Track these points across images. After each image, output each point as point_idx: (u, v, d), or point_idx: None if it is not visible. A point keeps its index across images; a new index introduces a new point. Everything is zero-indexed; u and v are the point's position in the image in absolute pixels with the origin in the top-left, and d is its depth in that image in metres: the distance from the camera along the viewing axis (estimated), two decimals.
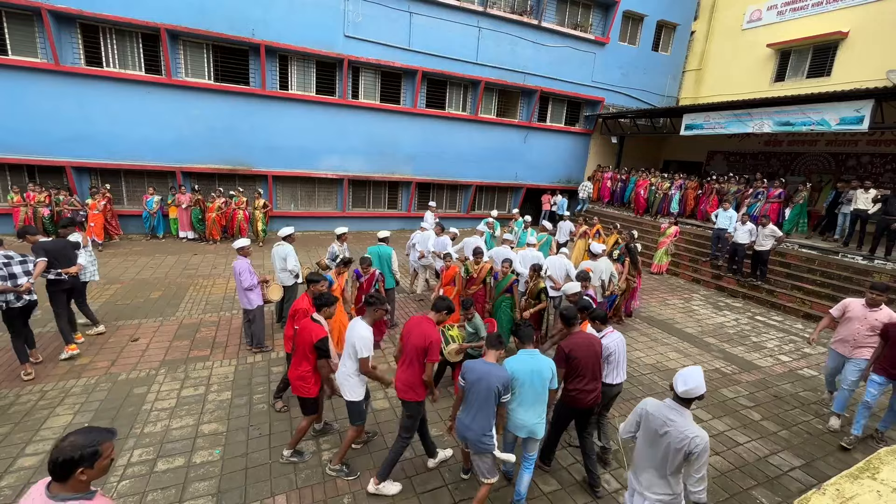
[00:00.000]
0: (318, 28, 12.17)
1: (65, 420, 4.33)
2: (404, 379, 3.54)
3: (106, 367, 5.37)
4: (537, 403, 3.33)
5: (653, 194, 14.30)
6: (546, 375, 3.30)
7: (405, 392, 3.54)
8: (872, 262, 8.89)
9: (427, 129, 14.53)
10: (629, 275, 7.57)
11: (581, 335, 3.75)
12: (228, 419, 4.51)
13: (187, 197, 11.57)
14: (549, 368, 3.32)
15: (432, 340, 3.42)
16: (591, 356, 3.63)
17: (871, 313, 4.68)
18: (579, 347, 3.61)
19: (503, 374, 3.14)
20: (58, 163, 10.75)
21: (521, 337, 3.45)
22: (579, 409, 3.71)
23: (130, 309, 7.15)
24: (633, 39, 17.20)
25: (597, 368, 3.68)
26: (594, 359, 3.65)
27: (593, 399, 3.67)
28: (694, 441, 2.42)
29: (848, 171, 12.90)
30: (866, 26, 12.93)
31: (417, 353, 3.45)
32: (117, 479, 3.64)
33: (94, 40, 10.77)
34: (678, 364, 6.42)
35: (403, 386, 3.54)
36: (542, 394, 3.32)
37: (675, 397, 2.62)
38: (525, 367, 3.29)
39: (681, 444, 2.46)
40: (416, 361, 3.47)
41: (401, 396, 3.58)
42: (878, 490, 2.20)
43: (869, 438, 4.79)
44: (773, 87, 15.20)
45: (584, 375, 3.62)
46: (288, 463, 3.93)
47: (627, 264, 7.54)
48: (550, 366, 3.34)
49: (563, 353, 3.63)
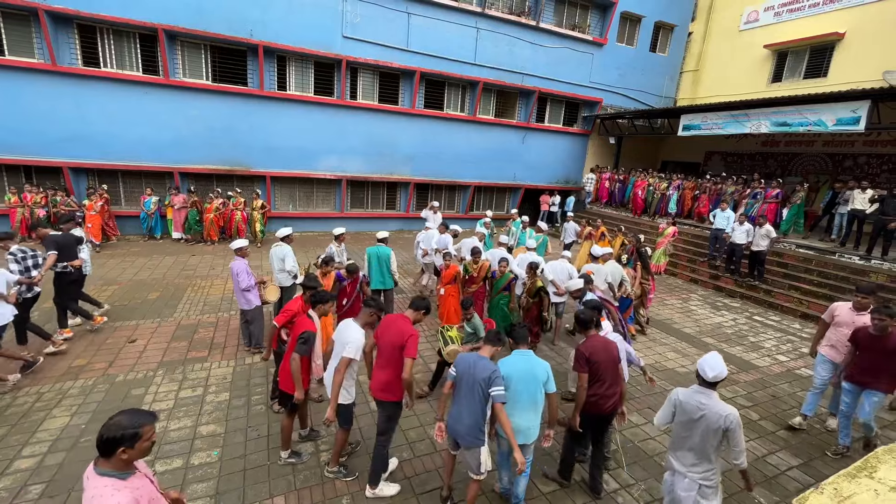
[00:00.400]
0: (316, 29, 12.17)
1: (62, 422, 4.31)
2: (381, 379, 3.46)
3: (103, 368, 5.35)
4: (531, 407, 3.23)
5: (651, 195, 14.34)
6: (540, 377, 3.20)
7: (382, 392, 3.46)
8: (869, 262, 8.93)
9: (425, 129, 14.54)
10: (643, 279, 7.39)
11: (598, 338, 3.63)
12: (226, 420, 4.49)
13: (181, 198, 11.49)
14: (544, 370, 3.23)
15: (410, 335, 3.32)
16: (609, 360, 3.53)
17: (858, 317, 4.51)
18: (598, 351, 3.50)
19: (489, 367, 3.05)
20: (55, 163, 10.72)
21: (516, 337, 3.38)
22: (598, 416, 3.57)
23: (128, 310, 7.13)
24: (630, 40, 17.25)
25: (616, 372, 3.58)
26: (613, 362, 3.57)
27: (613, 404, 3.55)
28: (728, 418, 2.71)
29: (845, 171, 12.96)
30: (862, 27, 13.00)
31: (394, 351, 3.35)
32: None
33: (92, 41, 10.74)
34: (676, 364, 6.44)
35: (379, 386, 3.47)
36: (536, 396, 3.22)
37: (702, 382, 2.86)
38: (518, 368, 3.22)
39: (717, 423, 2.73)
40: (394, 361, 3.38)
41: (377, 397, 3.51)
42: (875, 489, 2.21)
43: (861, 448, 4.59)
44: (771, 87, 15.27)
45: (603, 380, 3.49)
46: (286, 464, 3.92)
47: (640, 269, 7.35)
48: (545, 367, 3.25)
49: (584, 356, 3.47)
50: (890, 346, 4.02)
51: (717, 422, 2.72)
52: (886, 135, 11.88)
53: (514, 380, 3.18)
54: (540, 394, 3.23)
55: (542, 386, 3.21)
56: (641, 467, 4.22)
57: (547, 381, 3.22)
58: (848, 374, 4.37)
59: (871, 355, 4.15)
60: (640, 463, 4.29)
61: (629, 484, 3.99)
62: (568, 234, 10.83)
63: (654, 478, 4.08)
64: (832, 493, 2.17)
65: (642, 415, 5.10)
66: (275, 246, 6.33)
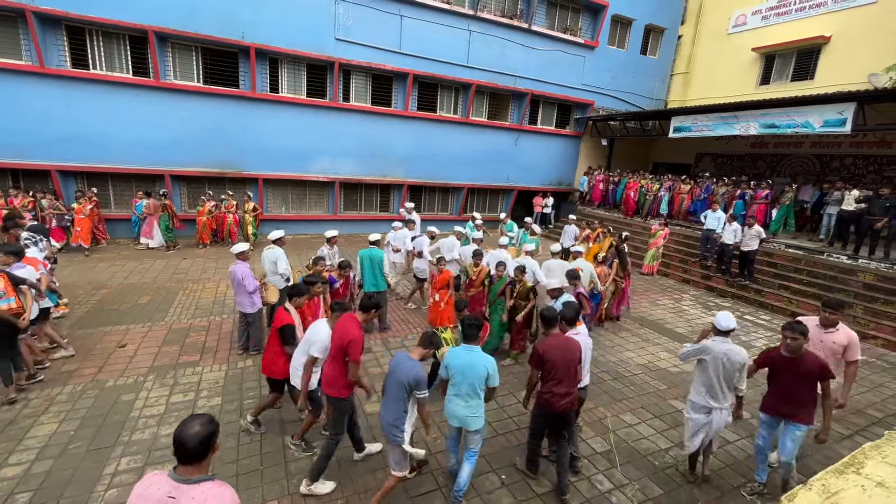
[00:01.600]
0: (308, 31, 12.15)
1: (49, 429, 4.24)
2: (326, 373, 3.60)
3: (93, 373, 5.28)
4: (471, 396, 3.40)
5: (643, 196, 14.46)
6: (480, 373, 3.36)
7: (326, 387, 3.59)
8: (857, 262, 9.08)
9: (419, 131, 14.55)
10: (616, 276, 7.57)
11: (558, 337, 3.72)
12: None
13: (152, 203, 10.90)
14: (485, 366, 3.37)
15: (351, 339, 3.37)
16: (565, 359, 3.57)
17: (826, 335, 3.98)
18: (553, 349, 3.58)
19: (414, 370, 3.16)
20: (43, 166, 10.57)
21: (466, 335, 3.49)
22: (551, 414, 3.64)
23: (118, 314, 7.04)
24: (621, 43, 17.42)
25: (571, 372, 3.61)
26: (568, 362, 3.59)
27: (566, 404, 3.59)
28: (743, 357, 3.65)
29: (832, 172, 13.18)
30: (848, 31, 13.24)
31: (337, 351, 3.46)
32: (104, 487, 3.58)
33: (81, 42, 10.62)
34: (669, 364, 6.49)
35: (325, 380, 3.61)
36: (475, 387, 3.38)
37: (719, 333, 3.71)
38: (460, 360, 3.41)
39: (739, 363, 3.62)
40: (338, 358, 3.48)
41: (324, 390, 3.66)
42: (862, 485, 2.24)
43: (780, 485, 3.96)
44: (759, 90, 15.48)
45: (556, 378, 3.57)
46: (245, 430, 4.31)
47: (615, 266, 7.55)
48: (487, 364, 3.38)
49: (538, 353, 3.61)
50: (805, 369, 3.45)
51: (739, 362, 3.61)
52: (872, 136, 12.10)
53: (455, 370, 3.40)
54: (479, 386, 3.40)
55: (482, 379, 3.38)
56: (635, 467, 4.25)
57: (489, 377, 3.39)
58: (763, 404, 3.83)
59: (787, 380, 3.59)
60: (634, 462, 4.31)
61: (623, 484, 4.01)
62: (567, 237, 10.81)
63: (647, 477, 4.11)
64: (820, 490, 2.21)
65: (636, 415, 5.13)
66: (267, 249, 6.30)
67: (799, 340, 3.43)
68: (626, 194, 14.95)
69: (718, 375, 3.66)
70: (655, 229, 11.33)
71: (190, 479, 1.77)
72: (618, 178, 15.89)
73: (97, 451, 4.00)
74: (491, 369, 3.38)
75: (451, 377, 3.43)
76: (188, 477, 1.77)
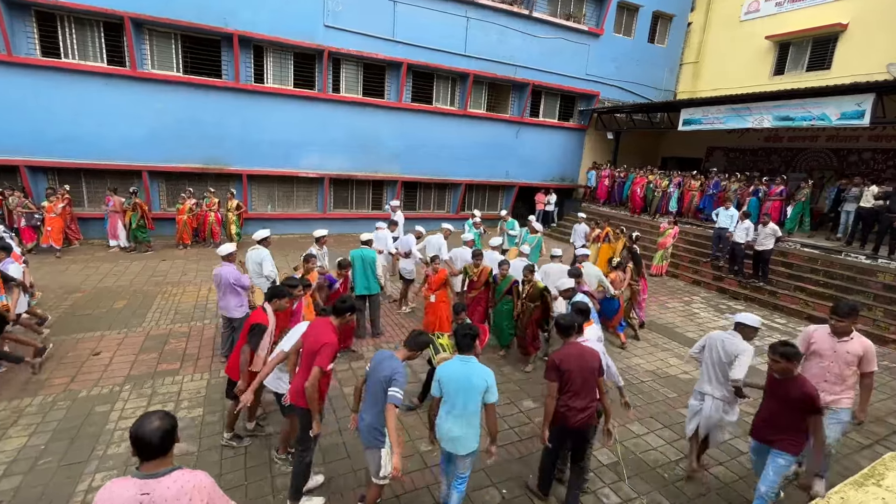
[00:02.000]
0: (295, 17, 12.11)
1: (18, 442, 4.21)
2: (296, 383, 3.49)
3: (65, 383, 5.24)
4: (466, 415, 3.21)
5: (651, 192, 14.49)
6: (478, 385, 3.16)
7: (295, 397, 3.49)
8: (876, 262, 9.13)
9: (413, 124, 14.55)
10: (632, 280, 7.39)
11: (575, 346, 3.61)
12: (200, 437, 4.43)
13: (117, 200, 10.69)
14: (483, 379, 3.18)
15: (324, 343, 3.29)
16: (582, 369, 3.46)
17: (840, 344, 3.79)
18: (570, 359, 3.47)
19: (393, 367, 3.09)
20: (10, 162, 10.48)
21: (459, 344, 3.34)
22: (568, 430, 3.52)
23: (92, 320, 6.99)
24: (628, 31, 17.48)
25: (589, 384, 3.50)
26: (586, 372, 3.47)
27: (583, 419, 3.47)
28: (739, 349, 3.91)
29: (850, 166, 13.25)
30: (866, 18, 13.35)
31: (309, 357, 3.37)
32: None
33: (52, 29, 10.56)
34: (679, 370, 6.51)
35: (294, 390, 3.50)
36: (469, 404, 3.19)
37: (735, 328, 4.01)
38: (455, 373, 3.22)
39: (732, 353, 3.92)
40: (309, 367, 3.35)
41: (292, 401, 3.54)
42: (883, 497, 2.25)
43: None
44: (773, 80, 15.58)
45: (572, 391, 3.45)
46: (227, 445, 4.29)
47: (630, 270, 7.34)
48: (485, 376, 3.19)
49: (555, 364, 3.48)
50: (792, 394, 3.29)
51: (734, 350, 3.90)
52: (891, 129, 12.19)
53: (448, 385, 3.22)
54: (474, 403, 3.20)
55: (478, 395, 3.19)
56: (643, 479, 4.26)
57: (486, 390, 3.18)
58: (751, 428, 3.74)
59: (773, 404, 3.49)
60: (643, 475, 4.32)
61: (630, 498, 4.01)
62: (577, 237, 10.83)
63: (656, 490, 4.12)
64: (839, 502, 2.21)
65: (644, 424, 5.14)
66: (251, 249, 6.27)
67: (781, 364, 3.27)
68: (632, 191, 14.96)
69: (712, 361, 4.02)
70: (664, 228, 11.36)
71: (158, 473, 1.83)
72: (624, 173, 15.91)
73: (69, 466, 3.97)
74: (489, 381, 3.19)
75: (444, 393, 3.25)
76: (155, 471, 1.84)
